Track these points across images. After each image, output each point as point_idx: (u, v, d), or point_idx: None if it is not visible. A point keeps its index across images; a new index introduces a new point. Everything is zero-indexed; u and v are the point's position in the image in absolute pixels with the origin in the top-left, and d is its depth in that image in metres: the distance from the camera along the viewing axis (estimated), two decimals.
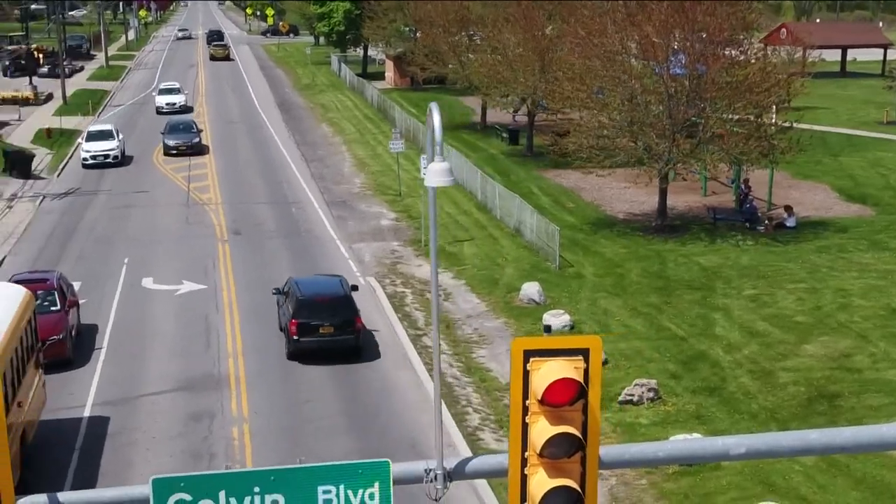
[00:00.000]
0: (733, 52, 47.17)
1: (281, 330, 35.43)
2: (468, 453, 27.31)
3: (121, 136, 68.75)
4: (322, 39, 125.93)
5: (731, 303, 37.82)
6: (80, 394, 31.67)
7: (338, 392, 31.70)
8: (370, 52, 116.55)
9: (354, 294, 35.68)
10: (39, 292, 34.76)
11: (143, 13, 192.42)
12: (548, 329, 35.35)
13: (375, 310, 38.84)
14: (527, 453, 10.05)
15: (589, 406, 10.02)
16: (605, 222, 50.13)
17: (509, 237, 47.95)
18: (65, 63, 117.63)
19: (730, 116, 46.94)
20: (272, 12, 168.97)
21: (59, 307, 34.32)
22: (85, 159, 65.42)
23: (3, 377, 24.30)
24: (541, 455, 9.92)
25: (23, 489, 11.85)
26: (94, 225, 51.47)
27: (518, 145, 69.38)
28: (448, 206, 54.21)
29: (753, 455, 10.51)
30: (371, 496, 10.24)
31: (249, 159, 68.77)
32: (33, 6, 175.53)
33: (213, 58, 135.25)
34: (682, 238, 46.58)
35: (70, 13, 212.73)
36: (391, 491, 10.33)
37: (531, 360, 9.95)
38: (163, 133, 70.12)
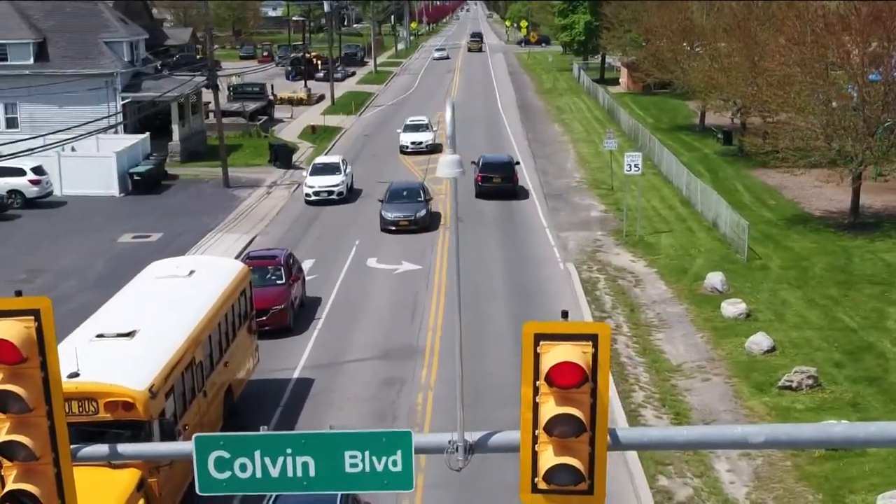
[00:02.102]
0: None
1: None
2: (624, 425, 26.54)
3: (348, 170, 56.55)
4: (566, 48, 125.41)
5: None
6: (294, 358, 32.24)
7: (518, 365, 31.16)
8: (608, 60, 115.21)
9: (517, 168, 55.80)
10: (270, 268, 35.87)
11: (413, 25, 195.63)
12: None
13: (568, 292, 38.23)
14: (537, 431, 9.44)
15: (598, 389, 9.32)
16: (800, 218, 47.90)
17: (706, 230, 46.39)
18: (339, 68, 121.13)
19: None
20: (526, 24, 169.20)
21: (283, 281, 35.13)
22: (308, 195, 53.64)
23: (209, 339, 24.97)
24: (547, 433, 9.31)
25: None
26: (334, 211, 52.35)
27: (732, 146, 67.22)
28: (654, 201, 52.99)
29: (773, 444, 9.61)
30: (394, 463, 9.84)
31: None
32: (322, 20, 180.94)
33: (469, 49, 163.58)
34: (872, 235, 44.05)
35: (354, 25, 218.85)
36: (413, 459, 9.89)
37: (541, 343, 9.37)
38: (382, 200, 48.38)
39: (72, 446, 9.87)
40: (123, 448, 10.28)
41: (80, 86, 62.78)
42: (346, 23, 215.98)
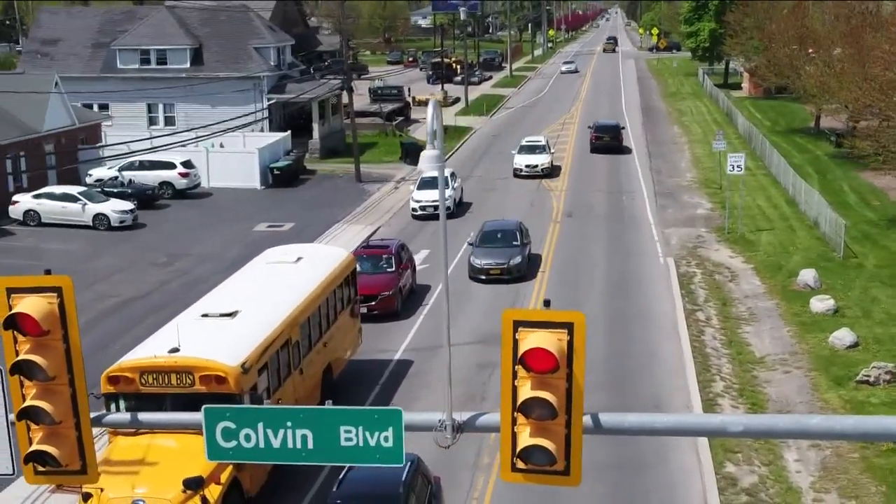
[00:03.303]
0: None
1: None
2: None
3: (456, 184, 51.75)
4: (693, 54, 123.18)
5: None
6: (398, 340, 32.38)
7: (606, 354, 30.77)
8: (732, 65, 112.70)
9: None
10: (382, 256, 36.13)
11: (551, 33, 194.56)
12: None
13: (663, 285, 37.52)
14: (515, 413, 9.27)
15: (573, 375, 9.10)
16: None
17: (807, 229, 45.00)
18: (476, 73, 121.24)
19: None
20: (657, 31, 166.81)
21: (393, 269, 35.35)
22: (414, 209, 49.27)
23: (308, 321, 25.27)
24: (524, 416, 9.13)
25: None
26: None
27: (844, 148, 65.01)
28: (760, 200, 51.71)
29: (750, 434, 9.24)
30: (386, 439, 9.76)
31: (601, 154, 68.02)
32: (468, 28, 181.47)
33: (604, 50, 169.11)
34: None
35: (498, 33, 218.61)
36: (403, 435, 9.80)
37: (519, 329, 9.19)
38: (472, 244, 39.56)
39: (96, 413, 10.07)
40: (143, 416, 10.45)
41: (231, 87, 64.28)
42: (490, 31, 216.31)
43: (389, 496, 18.08)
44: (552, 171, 59.09)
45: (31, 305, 9.38)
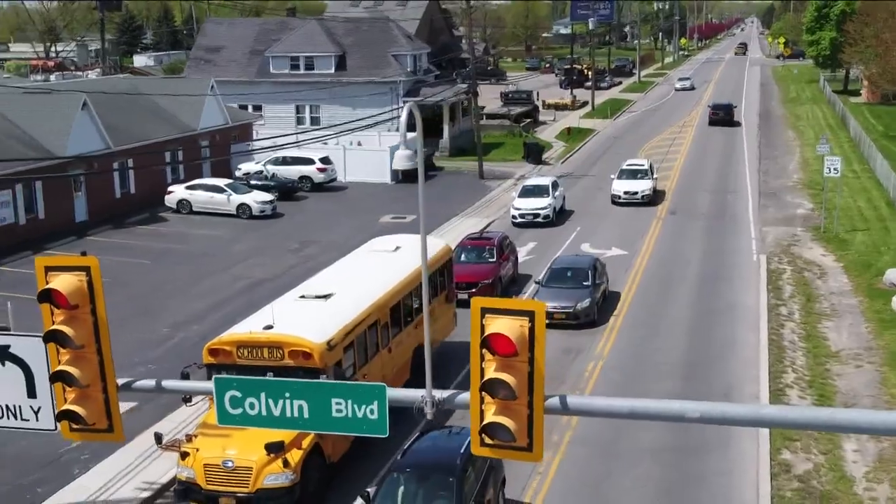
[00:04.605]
0: None
1: None
2: (765, 402, 25.29)
3: (557, 192, 48.03)
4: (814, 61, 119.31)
5: None
6: None
7: (686, 344, 30.18)
8: (852, 72, 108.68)
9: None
10: (485, 247, 36.19)
11: (683, 42, 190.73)
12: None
13: (752, 281, 36.52)
14: (482, 393, 9.26)
15: (534, 359, 9.04)
16: None
17: None
18: (607, 78, 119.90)
19: None
20: (783, 40, 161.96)
21: (494, 259, 35.37)
22: (514, 216, 46.27)
23: (399, 305, 25.53)
24: (489, 395, 9.12)
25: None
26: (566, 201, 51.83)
27: None
28: (861, 201, 49.84)
29: (707, 420, 9.04)
30: (372, 412, 9.88)
31: (714, 154, 66.62)
32: (606, 37, 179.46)
33: (735, 53, 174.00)
34: None
35: (635, 42, 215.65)
36: (387, 408, 9.89)
37: (486, 315, 9.18)
38: (539, 283, 33.55)
39: (124, 379, 10.48)
40: (166, 383, 10.82)
41: (370, 90, 65.24)
42: (626, 39, 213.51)
43: (447, 466, 18.19)
44: (654, 198, 50.56)
45: (62, 282, 9.83)
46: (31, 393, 10.47)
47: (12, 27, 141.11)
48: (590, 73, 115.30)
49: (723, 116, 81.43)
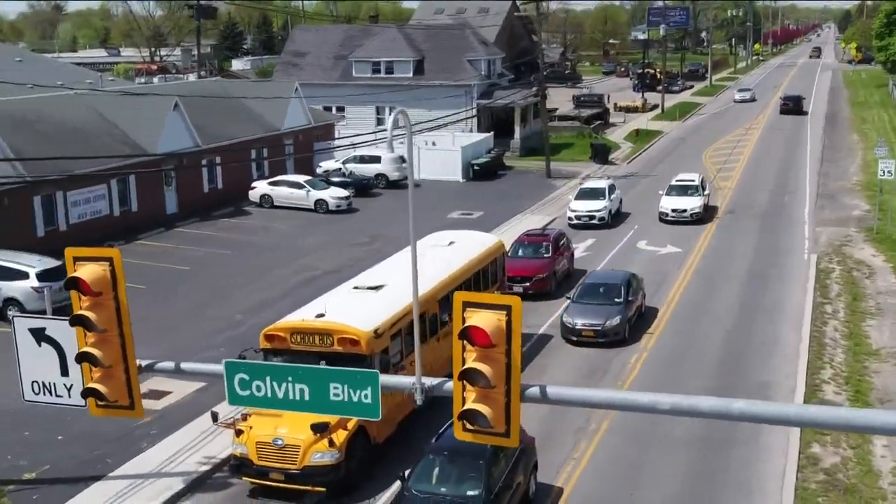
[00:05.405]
0: None
1: None
2: (800, 398, 24.82)
3: (614, 195, 46.50)
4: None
5: None
6: (546, 317, 32.25)
7: (729, 339, 29.72)
8: None
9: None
10: (542, 243, 36.13)
11: (756, 47, 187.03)
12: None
13: (800, 279, 35.79)
14: (463, 381, 9.35)
15: (511, 351, 9.10)
16: None
17: None
18: (679, 82, 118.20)
19: None
20: (855, 45, 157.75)
21: (549, 255, 35.30)
22: (570, 219, 44.87)
23: (448, 297, 25.63)
24: (470, 384, 9.20)
25: None
26: (628, 201, 51.35)
27: None
28: None
29: (677, 412, 8.98)
30: (366, 396, 10.04)
31: (777, 155, 65.31)
32: (683, 41, 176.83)
33: (810, 56, 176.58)
34: None
35: (713, 46, 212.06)
36: (379, 394, 10.03)
37: (467, 309, 9.26)
38: (569, 297, 30.86)
39: (146, 361, 10.80)
40: (185, 365, 11.11)
41: (445, 93, 65.39)
42: (703, 44, 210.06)
43: (477, 450, 18.21)
44: (704, 217, 45.57)
45: (87, 271, 10.18)
46: (65, 371, 10.89)
47: (123, 33, 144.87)
48: (663, 77, 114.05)
49: (792, 107, 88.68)
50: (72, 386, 10.95)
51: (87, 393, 10.51)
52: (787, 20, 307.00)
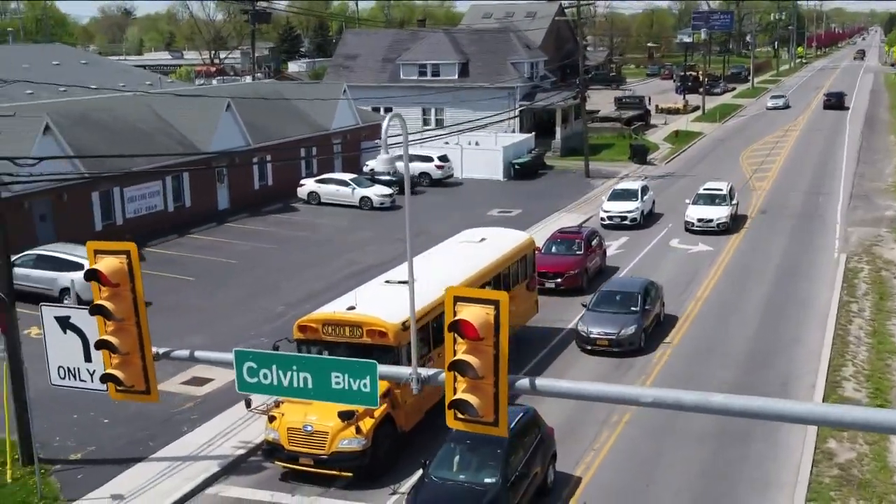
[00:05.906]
0: None
1: None
2: (820, 394, 24.50)
3: (647, 196, 45.59)
4: None
5: None
6: (576, 312, 31.99)
7: (753, 335, 29.41)
8: None
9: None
10: (575, 241, 36.02)
11: (800, 50, 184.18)
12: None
13: (828, 279, 35.28)
14: (455, 372, 9.43)
15: (499, 343, 9.16)
16: None
17: None
18: (721, 84, 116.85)
19: None
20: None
21: (581, 252, 35.19)
22: (602, 219, 44.11)
23: (482, 287, 25.68)
24: (460, 374, 9.28)
25: None
26: (663, 201, 50.85)
27: None
28: None
29: (660, 405, 8.99)
30: (364, 385, 10.16)
31: (814, 157, 64.34)
32: (727, 44, 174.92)
33: (854, 58, 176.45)
34: None
35: (757, 49, 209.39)
36: (377, 383, 10.15)
37: (457, 303, 9.34)
38: (586, 306, 29.34)
39: (163, 349, 11.03)
40: (199, 353, 11.32)
41: (490, 95, 65.39)
42: (748, 47, 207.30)
43: (495, 439, 18.25)
44: (731, 227, 42.89)
45: (106, 264, 10.44)
46: (88, 358, 11.18)
47: (186, 37, 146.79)
48: (707, 79, 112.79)
49: (835, 102, 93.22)
50: (94, 371, 11.24)
51: (106, 378, 10.78)
52: (832, 23, 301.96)
